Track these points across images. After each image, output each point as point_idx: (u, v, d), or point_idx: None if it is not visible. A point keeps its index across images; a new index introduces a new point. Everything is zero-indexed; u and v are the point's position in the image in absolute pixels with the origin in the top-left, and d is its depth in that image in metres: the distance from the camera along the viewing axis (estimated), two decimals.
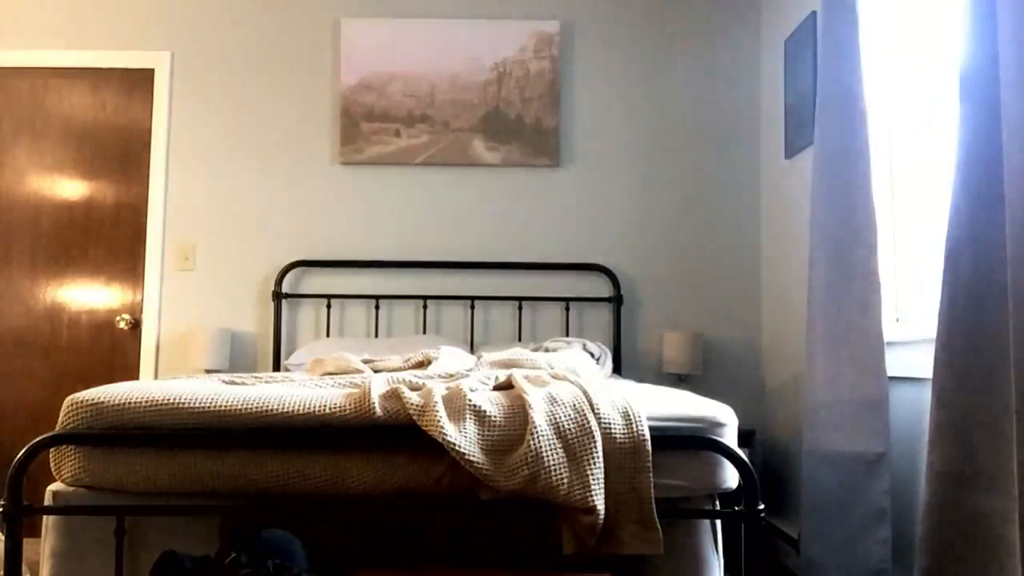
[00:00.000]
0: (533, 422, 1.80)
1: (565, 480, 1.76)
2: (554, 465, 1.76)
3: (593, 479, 1.77)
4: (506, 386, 2.10)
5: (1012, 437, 1.65)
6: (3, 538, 1.87)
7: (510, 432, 1.82)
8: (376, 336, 3.75)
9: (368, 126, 3.86)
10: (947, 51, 2.41)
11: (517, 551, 1.86)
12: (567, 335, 3.77)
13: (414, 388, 1.99)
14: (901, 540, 2.40)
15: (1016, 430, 1.61)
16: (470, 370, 2.37)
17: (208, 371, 3.65)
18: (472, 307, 3.79)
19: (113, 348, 3.84)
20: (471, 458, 1.76)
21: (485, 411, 1.85)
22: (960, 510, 1.84)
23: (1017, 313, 1.62)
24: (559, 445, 1.79)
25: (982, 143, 1.81)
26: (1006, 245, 1.70)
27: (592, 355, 3.27)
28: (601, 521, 1.76)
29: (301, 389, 2.02)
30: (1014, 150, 1.64)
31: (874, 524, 2.39)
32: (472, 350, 3.66)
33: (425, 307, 3.80)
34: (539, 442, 1.78)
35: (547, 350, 3.23)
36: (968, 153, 1.84)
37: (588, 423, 1.83)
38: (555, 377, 2.18)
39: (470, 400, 1.87)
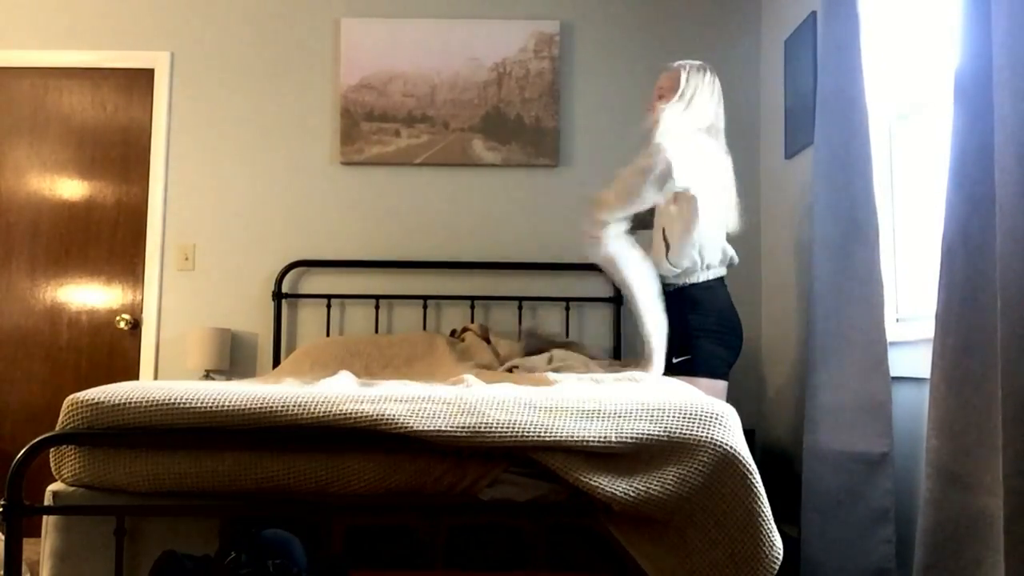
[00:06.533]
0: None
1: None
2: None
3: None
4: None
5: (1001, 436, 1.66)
6: (3, 538, 1.87)
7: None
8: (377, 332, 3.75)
9: (368, 126, 3.86)
10: (944, 51, 2.41)
11: (517, 551, 1.86)
12: (567, 335, 3.76)
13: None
14: (905, 540, 2.40)
15: (1002, 431, 1.62)
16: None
17: (208, 371, 3.66)
18: (472, 307, 3.79)
19: (113, 348, 3.84)
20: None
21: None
22: (955, 507, 1.85)
23: (1005, 314, 1.63)
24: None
25: (975, 143, 1.82)
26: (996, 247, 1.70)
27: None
28: None
29: (303, 389, 2.02)
30: (1006, 151, 1.65)
31: (877, 524, 2.39)
32: None
33: (425, 307, 3.80)
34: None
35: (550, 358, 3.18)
36: (961, 153, 1.85)
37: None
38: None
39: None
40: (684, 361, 2.65)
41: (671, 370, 2.67)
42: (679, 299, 2.71)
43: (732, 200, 2.79)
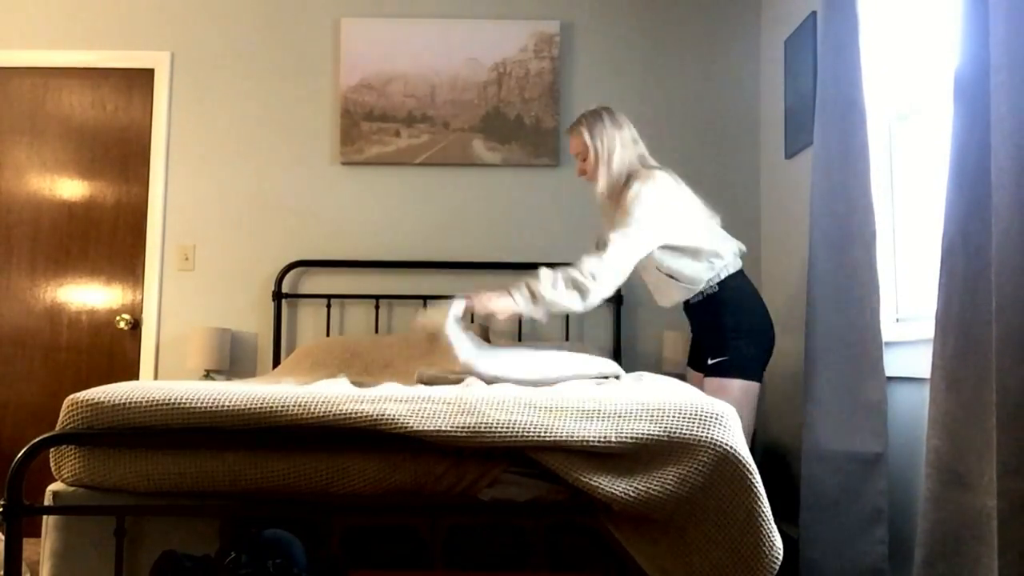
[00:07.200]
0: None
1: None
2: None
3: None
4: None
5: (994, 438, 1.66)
6: (3, 538, 1.87)
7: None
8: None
9: (368, 126, 3.86)
10: (943, 51, 2.41)
11: (517, 551, 1.86)
12: (567, 335, 3.77)
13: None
14: (899, 540, 2.41)
15: (996, 432, 1.62)
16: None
17: (208, 371, 3.66)
18: None
19: (113, 348, 3.84)
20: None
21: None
22: (954, 507, 1.85)
23: (1001, 315, 1.63)
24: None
25: (974, 144, 1.82)
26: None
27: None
28: None
29: (303, 389, 2.02)
30: (1002, 151, 1.65)
31: (871, 524, 2.39)
32: None
33: (425, 307, 3.80)
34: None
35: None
36: (961, 153, 1.85)
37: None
38: None
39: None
40: (720, 362, 2.64)
41: (707, 371, 2.67)
42: (710, 303, 2.70)
43: (697, 202, 2.76)
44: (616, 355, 3.73)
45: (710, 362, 2.66)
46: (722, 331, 2.66)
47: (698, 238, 2.67)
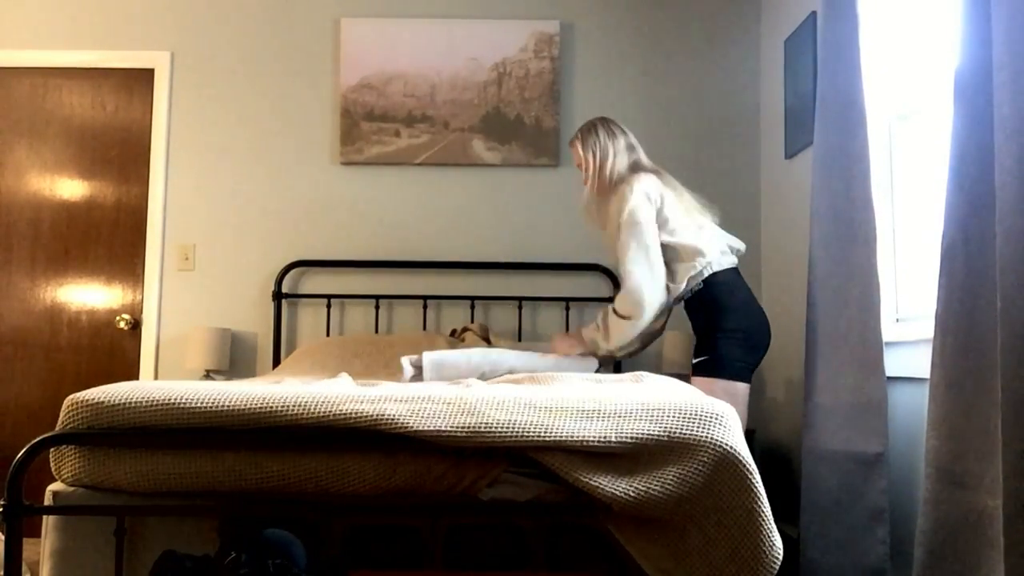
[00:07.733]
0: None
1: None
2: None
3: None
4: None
5: (999, 438, 1.66)
6: (3, 538, 1.87)
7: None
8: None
9: (368, 126, 3.86)
10: (943, 51, 2.41)
11: (517, 551, 1.86)
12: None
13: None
14: (900, 540, 2.41)
15: (1002, 433, 1.62)
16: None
17: (208, 371, 3.66)
18: (472, 307, 3.79)
19: (113, 348, 3.84)
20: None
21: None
22: (953, 507, 1.85)
23: (1005, 315, 1.63)
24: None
25: (975, 143, 1.82)
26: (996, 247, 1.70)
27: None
28: None
29: (303, 388, 2.02)
30: (1006, 151, 1.64)
31: (873, 524, 2.39)
32: None
33: (425, 307, 3.80)
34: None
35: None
36: (961, 153, 1.85)
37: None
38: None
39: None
40: (703, 361, 2.65)
41: (692, 369, 2.68)
42: (698, 301, 2.71)
43: (689, 198, 2.84)
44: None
45: (694, 361, 2.68)
46: (707, 329, 2.68)
47: (677, 236, 2.70)
